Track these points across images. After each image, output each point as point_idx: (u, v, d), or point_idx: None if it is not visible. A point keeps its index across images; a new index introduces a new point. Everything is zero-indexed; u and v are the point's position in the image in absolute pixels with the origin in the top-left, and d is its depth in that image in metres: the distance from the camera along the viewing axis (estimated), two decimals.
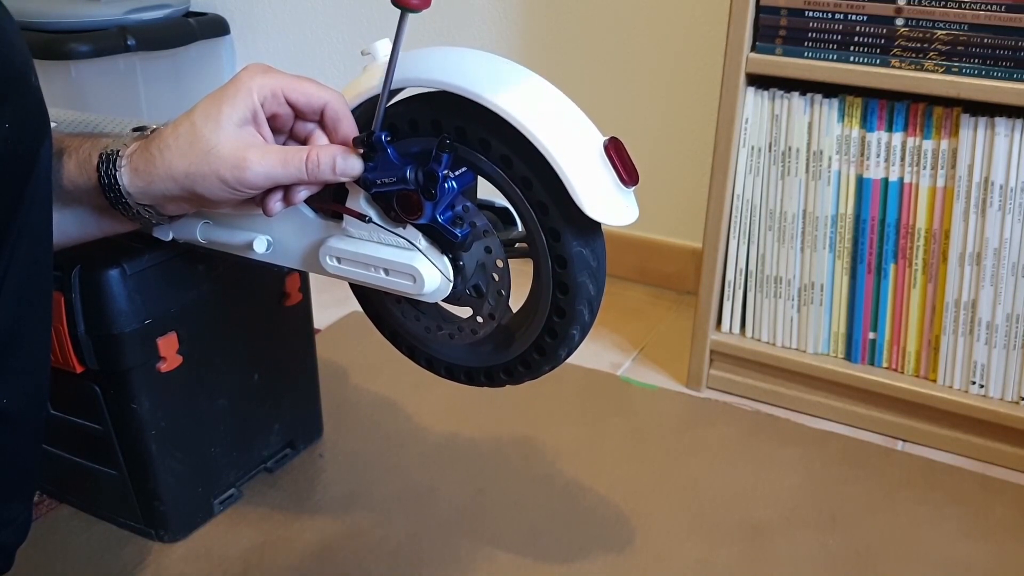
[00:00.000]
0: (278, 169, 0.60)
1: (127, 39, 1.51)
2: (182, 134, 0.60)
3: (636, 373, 1.24)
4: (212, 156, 0.59)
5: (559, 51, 1.48)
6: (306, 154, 0.60)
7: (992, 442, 1.05)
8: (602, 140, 0.60)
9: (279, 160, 0.60)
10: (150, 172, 0.61)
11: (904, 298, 1.07)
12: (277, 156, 0.60)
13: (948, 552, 0.90)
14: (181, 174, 0.60)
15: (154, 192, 0.62)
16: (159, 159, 0.61)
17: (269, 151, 0.60)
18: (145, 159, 0.61)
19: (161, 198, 0.63)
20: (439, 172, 0.61)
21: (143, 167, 0.61)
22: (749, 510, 0.95)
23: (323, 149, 0.61)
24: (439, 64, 0.62)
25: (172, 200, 0.63)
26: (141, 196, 0.62)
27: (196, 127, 0.60)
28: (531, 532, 0.91)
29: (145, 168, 0.61)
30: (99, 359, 0.79)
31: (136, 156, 0.62)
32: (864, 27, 0.99)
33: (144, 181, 0.61)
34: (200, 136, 0.60)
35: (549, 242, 0.62)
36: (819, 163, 1.06)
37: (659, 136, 1.43)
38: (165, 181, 0.61)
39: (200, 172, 0.60)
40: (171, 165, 0.60)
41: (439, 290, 0.66)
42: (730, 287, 1.15)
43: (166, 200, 0.63)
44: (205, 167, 0.60)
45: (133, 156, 0.62)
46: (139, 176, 0.61)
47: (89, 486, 0.90)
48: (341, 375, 1.19)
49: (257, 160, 0.59)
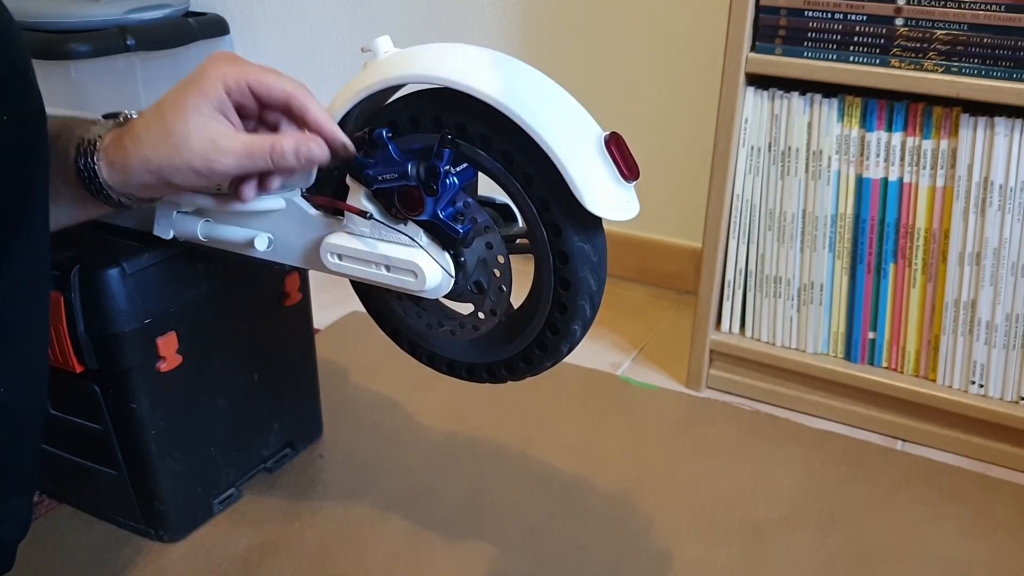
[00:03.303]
0: (244, 160, 0.62)
1: (127, 39, 1.51)
2: (153, 127, 0.61)
3: (636, 373, 1.24)
4: (183, 149, 0.61)
5: (559, 50, 1.48)
6: (270, 144, 0.62)
7: (992, 442, 1.05)
8: (603, 135, 0.60)
9: (244, 151, 0.61)
10: (126, 166, 0.62)
11: (904, 298, 1.07)
12: (243, 146, 0.61)
13: (948, 552, 0.90)
14: (155, 167, 0.61)
15: (132, 184, 0.63)
16: (132, 153, 0.62)
17: (236, 141, 0.62)
18: (120, 154, 0.62)
19: (139, 187, 0.64)
20: (441, 168, 0.61)
21: (118, 161, 0.62)
22: (749, 510, 0.95)
23: (286, 138, 0.62)
24: (440, 60, 0.62)
25: (150, 188, 0.64)
26: (120, 187, 0.63)
27: (166, 120, 0.61)
28: (531, 532, 0.91)
29: (120, 162, 0.62)
30: (99, 359, 0.78)
31: (111, 149, 0.62)
32: (864, 27, 0.99)
33: (121, 174, 0.63)
34: (170, 129, 0.61)
35: (550, 238, 0.62)
36: (819, 163, 1.06)
37: (659, 136, 1.43)
38: (141, 174, 0.62)
39: (173, 164, 0.61)
40: (145, 158, 0.61)
41: (441, 286, 0.66)
42: (730, 287, 1.15)
43: (144, 189, 0.64)
44: (177, 159, 0.61)
45: (108, 150, 0.63)
46: (115, 170, 0.62)
47: (89, 486, 0.89)
48: (341, 375, 1.19)
49: (225, 150, 0.61)
